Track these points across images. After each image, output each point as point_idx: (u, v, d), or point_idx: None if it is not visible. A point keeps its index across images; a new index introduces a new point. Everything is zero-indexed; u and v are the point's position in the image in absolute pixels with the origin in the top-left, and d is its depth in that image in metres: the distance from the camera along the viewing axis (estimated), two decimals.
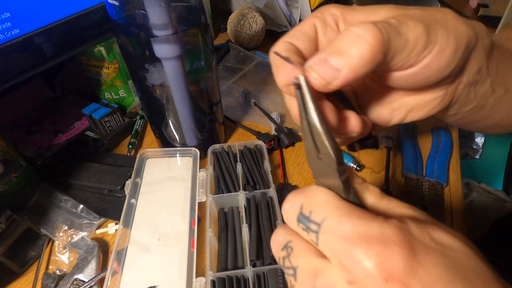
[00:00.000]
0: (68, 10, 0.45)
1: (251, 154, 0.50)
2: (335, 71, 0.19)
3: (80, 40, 0.49)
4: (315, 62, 0.20)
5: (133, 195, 0.47)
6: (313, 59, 0.20)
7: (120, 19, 0.39)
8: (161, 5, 0.36)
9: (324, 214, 0.17)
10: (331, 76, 0.19)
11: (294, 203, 0.19)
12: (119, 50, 0.56)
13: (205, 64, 0.45)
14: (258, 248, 0.38)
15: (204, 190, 0.46)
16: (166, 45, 0.39)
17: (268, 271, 0.36)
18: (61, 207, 0.45)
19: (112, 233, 0.45)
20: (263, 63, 0.76)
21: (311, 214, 0.18)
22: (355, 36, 0.19)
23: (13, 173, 0.43)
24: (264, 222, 0.41)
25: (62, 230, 0.43)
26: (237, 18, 0.79)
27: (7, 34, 0.40)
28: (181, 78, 0.43)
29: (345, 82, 0.19)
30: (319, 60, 0.19)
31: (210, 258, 0.38)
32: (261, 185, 0.46)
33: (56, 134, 0.56)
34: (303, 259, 0.18)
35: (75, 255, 0.42)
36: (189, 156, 0.52)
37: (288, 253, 0.19)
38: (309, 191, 0.19)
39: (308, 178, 0.51)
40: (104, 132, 0.56)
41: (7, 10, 0.39)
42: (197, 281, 0.37)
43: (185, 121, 0.48)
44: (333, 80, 0.19)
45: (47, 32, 0.44)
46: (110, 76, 0.59)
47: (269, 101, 0.66)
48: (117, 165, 0.52)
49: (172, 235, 0.43)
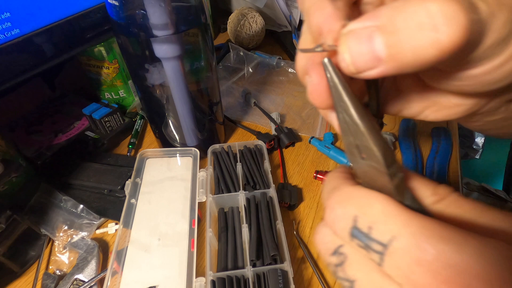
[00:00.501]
0: (68, 10, 0.45)
1: (251, 154, 0.50)
2: (374, 59, 0.13)
3: (80, 40, 0.49)
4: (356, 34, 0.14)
5: (133, 195, 0.47)
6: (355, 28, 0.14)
7: (120, 19, 0.39)
8: (161, 5, 0.36)
9: (390, 232, 0.13)
10: (366, 65, 0.14)
11: (344, 214, 0.15)
12: (119, 50, 0.56)
13: (205, 64, 0.45)
14: (258, 248, 0.38)
15: (204, 190, 0.46)
16: (166, 45, 0.39)
17: (268, 271, 0.36)
18: (61, 207, 0.45)
19: (112, 233, 0.45)
20: (263, 63, 0.76)
21: (372, 231, 0.14)
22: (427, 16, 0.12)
23: (13, 173, 0.43)
24: (264, 222, 0.41)
25: (62, 230, 0.43)
26: (237, 18, 0.79)
27: (7, 34, 0.40)
28: (181, 78, 0.43)
29: (380, 76, 0.14)
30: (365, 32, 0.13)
31: (210, 258, 0.38)
32: (261, 185, 0.46)
33: (56, 134, 0.56)
34: (362, 273, 0.15)
35: (75, 255, 0.42)
36: (189, 156, 0.52)
37: (341, 262, 0.15)
38: (362, 199, 0.15)
39: (308, 178, 0.51)
40: (104, 132, 0.56)
41: (7, 10, 0.39)
42: (197, 281, 0.37)
43: (185, 121, 0.48)
44: (366, 70, 0.14)
45: (47, 32, 0.44)
46: (110, 76, 0.59)
47: (269, 101, 0.66)
48: (117, 165, 0.52)
49: (172, 235, 0.43)
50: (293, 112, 0.63)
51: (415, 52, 0.12)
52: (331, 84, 0.15)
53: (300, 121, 0.61)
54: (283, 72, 0.74)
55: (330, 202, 0.16)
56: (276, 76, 0.73)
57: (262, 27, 0.80)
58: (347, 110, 0.15)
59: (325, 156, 0.54)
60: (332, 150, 0.53)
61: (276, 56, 0.75)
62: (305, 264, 0.41)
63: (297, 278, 0.39)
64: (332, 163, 0.53)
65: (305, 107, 0.64)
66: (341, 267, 0.15)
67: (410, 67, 0.13)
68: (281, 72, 0.74)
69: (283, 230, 0.39)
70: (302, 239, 0.43)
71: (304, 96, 0.67)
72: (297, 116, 0.62)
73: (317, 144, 0.55)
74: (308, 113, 0.63)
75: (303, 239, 0.43)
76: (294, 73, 0.73)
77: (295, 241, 0.43)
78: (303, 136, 0.58)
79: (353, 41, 0.14)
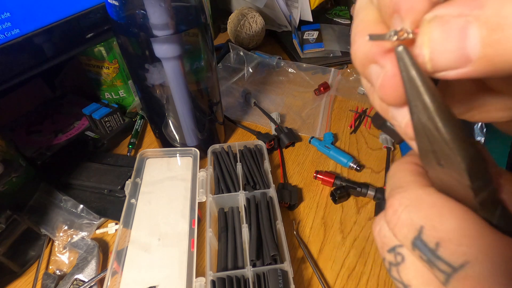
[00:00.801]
0: (68, 10, 0.45)
1: (251, 154, 0.50)
2: (463, 58, 0.10)
3: (80, 40, 0.49)
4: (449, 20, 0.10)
5: (133, 195, 0.47)
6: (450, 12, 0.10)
7: (120, 19, 0.39)
8: (161, 5, 0.36)
9: (464, 256, 0.11)
10: (450, 63, 0.10)
11: (408, 221, 0.13)
12: (119, 50, 0.56)
13: (205, 64, 0.45)
14: (258, 248, 0.38)
15: (204, 190, 0.46)
16: (166, 45, 0.39)
17: (268, 271, 0.36)
18: (61, 207, 0.45)
19: (112, 233, 0.45)
20: (263, 63, 0.76)
21: (440, 249, 0.12)
22: None
23: (13, 173, 0.43)
24: (264, 222, 0.41)
25: (62, 230, 0.43)
26: (237, 18, 0.79)
27: (7, 34, 0.40)
28: (181, 78, 0.43)
29: (459, 78, 0.11)
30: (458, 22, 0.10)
31: (210, 258, 0.38)
32: (261, 185, 0.46)
33: (56, 134, 0.56)
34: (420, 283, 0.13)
35: (75, 255, 0.42)
36: (189, 156, 0.52)
37: (398, 262, 0.14)
38: (434, 208, 0.13)
39: (308, 178, 0.51)
40: (104, 132, 0.56)
41: (7, 10, 0.39)
42: (197, 281, 0.37)
43: (185, 121, 0.48)
44: (448, 69, 0.11)
45: (47, 32, 0.44)
46: (110, 76, 0.59)
47: (269, 101, 0.66)
48: (117, 165, 0.52)
49: (172, 235, 0.43)
50: (293, 112, 0.63)
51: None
52: (406, 78, 0.12)
53: (300, 121, 0.61)
54: (283, 72, 0.74)
55: (393, 203, 0.14)
56: (276, 76, 0.73)
57: (262, 27, 0.80)
58: (428, 112, 0.12)
59: (325, 156, 0.54)
60: (332, 150, 0.53)
61: (276, 56, 0.75)
62: (305, 264, 0.41)
63: (297, 278, 0.39)
64: (332, 163, 0.53)
65: (305, 107, 0.64)
66: (396, 267, 0.14)
67: (502, 73, 0.10)
68: (281, 72, 0.74)
69: (283, 230, 0.39)
70: (302, 239, 0.43)
71: (304, 96, 0.67)
72: (297, 116, 0.62)
73: (317, 144, 0.55)
74: (308, 113, 0.63)
75: (303, 239, 0.43)
76: (294, 73, 0.73)
77: (295, 241, 0.43)
78: (303, 136, 0.58)
79: (440, 33, 0.10)
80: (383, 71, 0.13)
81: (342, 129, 0.59)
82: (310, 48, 0.78)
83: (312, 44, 0.79)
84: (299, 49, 0.78)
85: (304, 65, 0.74)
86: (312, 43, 0.80)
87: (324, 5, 0.94)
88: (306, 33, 0.83)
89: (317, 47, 0.78)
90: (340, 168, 0.52)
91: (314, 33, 0.83)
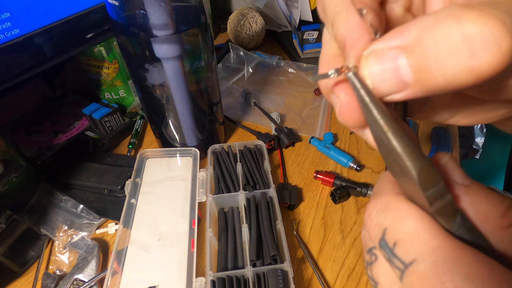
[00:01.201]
0: (68, 10, 0.45)
1: (251, 154, 0.50)
2: (400, 83, 0.12)
3: (80, 40, 0.49)
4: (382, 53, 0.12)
5: (133, 195, 0.47)
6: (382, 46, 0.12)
7: (120, 19, 0.39)
8: (161, 5, 0.36)
9: (413, 254, 0.13)
10: (391, 89, 0.12)
11: (377, 222, 0.15)
12: (119, 50, 0.56)
13: (205, 64, 0.45)
14: (258, 248, 0.38)
15: (204, 190, 0.46)
16: (166, 45, 0.39)
17: (268, 271, 0.36)
18: (61, 207, 0.45)
19: (112, 233, 0.45)
20: (263, 63, 0.76)
21: (396, 248, 0.13)
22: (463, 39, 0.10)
23: (13, 173, 0.43)
24: (264, 222, 0.41)
25: (62, 230, 0.43)
26: (237, 18, 0.79)
27: (7, 34, 0.40)
28: (181, 78, 0.43)
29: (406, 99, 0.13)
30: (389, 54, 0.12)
31: (210, 258, 0.38)
32: (261, 185, 0.46)
33: (56, 134, 0.56)
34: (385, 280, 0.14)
35: (75, 255, 0.42)
36: (189, 156, 0.52)
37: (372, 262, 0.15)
38: (397, 212, 0.14)
39: (308, 178, 0.51)
40: (104, 132, 0.56)
41: (7, 10, 0.39)
42: (197, 281, 0.37)
43: (185, 121, 0.48)
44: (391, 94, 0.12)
45: (47, 32, 0.44)
46: (110, 76, 0.59)
47: (269, 101, 0.66)
48: (117, 165, 0.52)
49: (172, 235, 0.43)
50: (293, 112, 0.63)
51: (446, 78, 0.11)
52: (360, 100, 0.13)
53: (300, 121, 0.61)
54: (283, 72, 0.74)
55: (369, 207, 0.15)
56: (276, 76, 0.73)
57: (262, 27, 0.80)
58: (380, 128, 0.13)
59: (325, 156, 0.54)
60: (332, 150, 0.53)
61: (276, 56, 0.75)
62: (305, 264, 0.41)
63: (297, 278, 0.39)
64: (332, 163, 0.53)
65: (305, 107, 0.64)
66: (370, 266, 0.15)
67: (440, 91, 0.12)
68: (281, 72, 0.74)
69: (283, 230, 0.39)
70: (302, 239, 0.43)
71: (304, 96, 0.67)
72: (297, 116, 0.62)
73: (317, 144, 0.55)
74: (308, 113, 0.63)
75: (303, 239, 0.43)
76: (294, 73, 0.73)
77: (295, 241, 0.43)
78: (303, 136, 0.58)
79: (375, 64, 0.12)
80: (339, 100, 0.14)
81: (342, 129, 0.59)
82: (310, 48, 0.78)
83: (312, 44, 0.79)
84: (299, 49, 0.78)
85: (304, 65, 0.74)
86: (312, 43, 0.80)
87: None
88: (306, 33, 0.83)
89: (317, 47, 0.78)
90: (340, 168, 0.52)
91: (314, 33, 0.83)
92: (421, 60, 0.11)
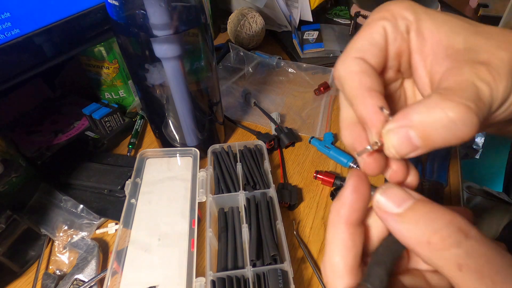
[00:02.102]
0: (68, 10, 0.45)
1: (251, 154, 0.50)
2: (412, 146, 0.17)
3: (80, 40, 0.49)
4: (397, 134, 0.17)
5: (133, 195, 0.47)
6: (395, 129, 0.17)
7: (120, 19, 0.39)
8: (161, 5, 0.36)
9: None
10: (406, 150, 0.18)
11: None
12: (119, 50, 0.56)
13: (205, 64, 0.45)
14: (258, 248, 0.38)
15: (204, 190, 0.46)
16: (166, 45, 0.39)
17: (268, 271, 0.36)
18: (61, 207, 0.45)
19: (112, 233, 0.45)
20: (263, 63, 0.76)
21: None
22: (449, 121, 0.16)
23: (13, 173, 0.43)
24: (264, 222, 0.41)
25: (62, 230, 0.43)
26: (237, 18, 0.79)
27: (7, 34, 0.40)
28: (181, 78, 0.43)
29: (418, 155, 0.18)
30: (403, 133, 0.17)
31: (210, 258, 0.38)
32: (261, 185, 0.46)
33: (56, 134, 0.56)
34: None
35: (75, 255, 0.42)
36: (189, 156, 0.52)
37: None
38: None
39: (308, 178, 0.51)
40: (104, 132, 0.56)
41: (7, 10, 0.39)
42: (197, 281, 0.37)
43: (185, 121, 0.48)
44: (406, 154, 0.18)
45: (47, 32, 0.44)
46: (110, 76, 0.59)
47: (269, 101, 0.66)
48: (117, 165, 0.52)
49: (172, 235, 0.43)
50: (293, 112, 0.63)
51: (443, 139, 0.17)
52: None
53: (300, 121, 0.61)
54: (283, 72, 0.74)
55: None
56: (276, 76, 0.73)
57: (262, 27, 0.80)
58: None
59: (325, 156, 0.54)
60: (332, 150, 0.53)
61: (276, 56, 0.75)
62: (305, 264, 0.41)
63: (297, 278, 0.39)
64: (332, 163, 0.53)
65: (305, 107, 0.64)
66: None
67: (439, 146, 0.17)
68: (281, 72, 0.74)
69: (283, 230, 0.39)
70: (302, 239, 0.43)
71: (304, 96, 0.67)
72: (297, 116, 0.62)
73: (317, 144, 0.55)
74: (308, 113, 0.63)
75: (303, 239, 0.43)
76: (294, 73, 0.73)
77: (295, 241, 0.43)
78: (303, 136, 0.58)
79: (395, 138, 0.18)
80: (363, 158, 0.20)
81: None
82: (310, 48, 0.78)
83: (312, 44, 0.80)
84: (299, 49, 0.78)
85: (304, 65, 0.74)
86: (312, 43, 0.80)
87: (324, 5, 0.94)
88: (306, 33, 0.83)
89: (317, 47, 0.78)
90: (340, 168, 0.52)
91: (314, 33, 0.83)
92: (425, 132, 0.17)
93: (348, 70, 0.20)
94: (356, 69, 0.19)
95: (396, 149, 0.18)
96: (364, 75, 0.19)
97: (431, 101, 0.17)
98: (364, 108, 0.19)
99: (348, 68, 0.20)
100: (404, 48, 0.21)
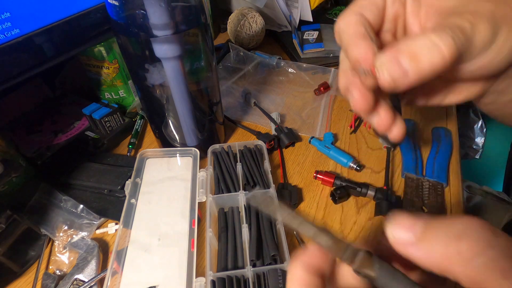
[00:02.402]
0: (68, 10, 0.45)
1: (251, 154, 0.50)
2: (403, 72, 0.19)
3: (80, 40, 0.49)
4: (388, 59, 0.20)
5: (133, 195, 0.47)
6: (386, 56, 0.20)
7: (120, 19, 0.39)
8: (161, 5, 0.36)
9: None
10: (399, 76, 0.20)
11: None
12: (119, 50, 0.56)
13: (205, 64, 0.45)
14: (258, 248, 0.38)
15: (204, 190, 0.46)
16: (166, 45, 0.39)
17: (268, 271, 0.36)
18: (61, 207, 0.45)
19: (112, 233, 0.45)
20: (263, 63, 0.76)
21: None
22: (432, 44, 0.19)
23: (13, 173, 0.43)
24: (264, 222, 0.41)
25: (62, 230, 0.43)
26: (237, 18, 0.79)
27: (7, 34, 0.40)
28: (181, 78, 0.43)
29: (410, 84, 0.20)
30: (393, 58, 0.20)
31: (210, 258, 0.38)
32: (261, 185, 0.46)
33: (56, 134, 0.56)
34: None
35: (75, 255, 0.42)
36: (189, 156, 0.52)
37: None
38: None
39: (308, 178, 0.51)
40: (104, 132, 0.56)
41: (7, 10, 0.39)
42: (197, 281, 0.37)
43: (185, 121, 0.48)
44: (400, 80, 0.20)
45: (47, 32, 0.44)
46: (110, 76, 0.59)
47: (269, 101, 0.66)
48: (117, 165, 0.52)
49: (172, 235, 0.43)
50: (293, 112, 0.63)
51: (429, 62, 0.19)
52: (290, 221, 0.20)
53: (300, 121, 0.61)
54: (283, 72, 0.74)
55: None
56: (276, 76, 0.73)
57: (262, 27, 0.80)
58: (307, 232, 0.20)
59: (325, 156, 0.54)
60: (332, 150, 0.53)
61: (276, 56, 0.75)
62: None
63: None
64: (332, 163, 0.53)
65: (305, 107, 0.64)
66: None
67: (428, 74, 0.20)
68: (281, 72, 0.74)
69: (283, 230, 0.39)
70: (302, 239, 0.43)
71: (304, 96, 0.67)
72: (297, 116, 0.62)
73: (317, 144, 0.55)
74: (308, 113, 0.63)
75: (303, 239, 0.43)
76: (294, 73, 0.73)
77: (295, 241, 0.43)
78: (303, 136, 0.58)
79: (386, 61, 0.20)
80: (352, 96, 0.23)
81: (342, 129, 0.59)
82: (310, 48, 0.78)
83: (312, 44, 0.79)
84: (299, 49, 0.78)
85: (304, 65, 0.74)
86: (312, 43, 0.80)
87: (324, 5, 0.94)
88: (306, 33, 0.83)
89: (317, 47, 0.78)
90: (340, 168, 0.52)
91: (314, 33, 0.83)
92: (411, 55, 0.19)
93: (346, 21, 0.22)
94: (353, 21, 0.22)
95: (389, 73, 0.20)
96: (360, 25, 0.21)
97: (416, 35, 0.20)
98: (357, 48, 0.21)
99: (347, 20, 0.22)
100: (401, 12, 0.23)
